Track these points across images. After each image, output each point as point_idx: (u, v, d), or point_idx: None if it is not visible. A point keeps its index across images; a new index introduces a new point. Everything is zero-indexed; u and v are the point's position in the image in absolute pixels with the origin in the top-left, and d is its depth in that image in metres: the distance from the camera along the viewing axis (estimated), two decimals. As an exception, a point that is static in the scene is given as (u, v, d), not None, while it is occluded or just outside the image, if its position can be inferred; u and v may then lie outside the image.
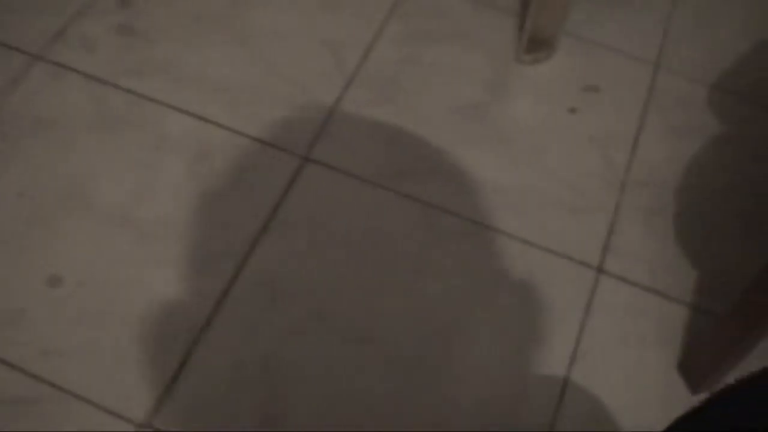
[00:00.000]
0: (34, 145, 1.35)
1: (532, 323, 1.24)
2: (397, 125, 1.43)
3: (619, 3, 1.64)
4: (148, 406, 1.13)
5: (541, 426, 1.15)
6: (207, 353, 1.18)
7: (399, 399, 1.16)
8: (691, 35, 1.60)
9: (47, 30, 1.50)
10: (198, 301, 1.22)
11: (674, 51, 1.58)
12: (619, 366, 1.21)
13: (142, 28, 1.52)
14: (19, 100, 1.41)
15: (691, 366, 1.16)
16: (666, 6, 1.65)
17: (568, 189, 1.39)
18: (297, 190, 1.34)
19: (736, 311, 1.02)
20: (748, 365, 1.22)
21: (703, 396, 1.18)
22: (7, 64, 1.45)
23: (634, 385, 1.19)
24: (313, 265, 1.27)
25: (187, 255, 1.26)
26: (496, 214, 1.35)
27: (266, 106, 1.43)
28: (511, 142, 1.44)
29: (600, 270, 1.30)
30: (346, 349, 1.20)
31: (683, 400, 1.18)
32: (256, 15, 1.56)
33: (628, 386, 1.19)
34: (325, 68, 1.49)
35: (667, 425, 1.01)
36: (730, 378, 1.19)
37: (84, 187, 1.31)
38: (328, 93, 1.46)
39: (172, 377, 1.15)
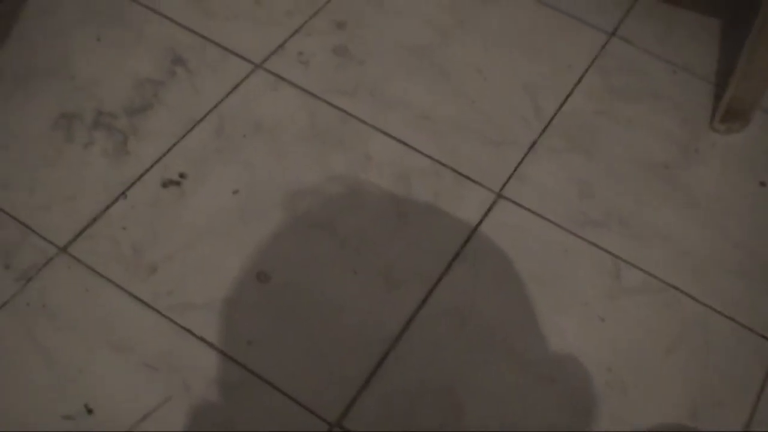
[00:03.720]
0: (251, 146, 1.46)
1: (706, 388, 1.26)
2: (588, 174, 1.48)
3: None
4: (340, 406, 1.20)
5: None
6: (396, 366, 1.24)
7: (575, 440, 1.20)
8: None
9: (269, 42, 1.61)
10: (391, 316, 1.29)
11: None
12: None
13: (355, 50, 1.61)
14: (239, 104, 1.51)
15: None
16: None
17: (749, 257, 1.41)
18: (488, 224, 1.40)
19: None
20: None
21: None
22: (230, 70, 1.56)
23: None
24: (501, 299, 1.32)
25: (383, 271, 1.34)
26: (681, 277, 1.37)
27: (464, 139, 1.50)
28: (698, 206, 1.46)
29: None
30: (531, 384, 1.24)
31: None
32: (461, 51, 1.63)
33: None
34: (522, 110, 1.55)
35: None
36: None
37: (294, 194, 1.40)
38: (524, 135, 1.52)
39: (363, 383, 1.22)
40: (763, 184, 1.51)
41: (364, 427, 1.19)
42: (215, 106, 1.50)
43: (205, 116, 1.49)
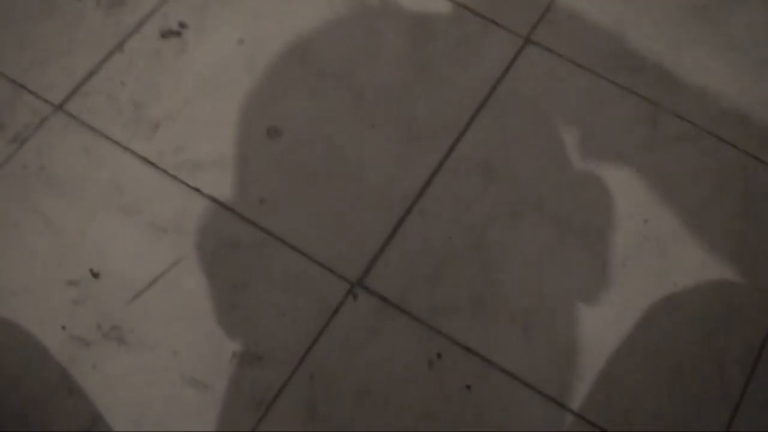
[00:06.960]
0: (255, -6, 1.34)
1: (747, 238, 1.19)
2: (622, 15, 1.36)
3: None
4: (361, 265, 1.13)
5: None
6: (420, 223, 1.17)
7: (606, 300, 1.14)
8: None
9: None
10: (412, 171, 1.21)
11: None
12: None
13: None
14: (241, -53, 1.39)
15: None
16: None
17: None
18: (516, 71, 1.30)
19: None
20: None
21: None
22: None
23: None
24: (530, 151, 1.24)
25: (403, 124, 1.24)
26: (720, 124, 1.28)
27: (488, -19, 1.38)
28: (739, 50, 1.35)
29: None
30: (562, 240, 1.17)
31: None
32: None
33: None
34: (551, -52, 1.42)
35: None
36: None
37: (304, 42, 1.30)
38: (553, -25, 1.39)
39: (385, 240, 1.15)
40: (812, 23, 1.39)
41: (388, 285, 1.12)
42: (215, -51, 1.37)
43: (204, -40, 1.36)
